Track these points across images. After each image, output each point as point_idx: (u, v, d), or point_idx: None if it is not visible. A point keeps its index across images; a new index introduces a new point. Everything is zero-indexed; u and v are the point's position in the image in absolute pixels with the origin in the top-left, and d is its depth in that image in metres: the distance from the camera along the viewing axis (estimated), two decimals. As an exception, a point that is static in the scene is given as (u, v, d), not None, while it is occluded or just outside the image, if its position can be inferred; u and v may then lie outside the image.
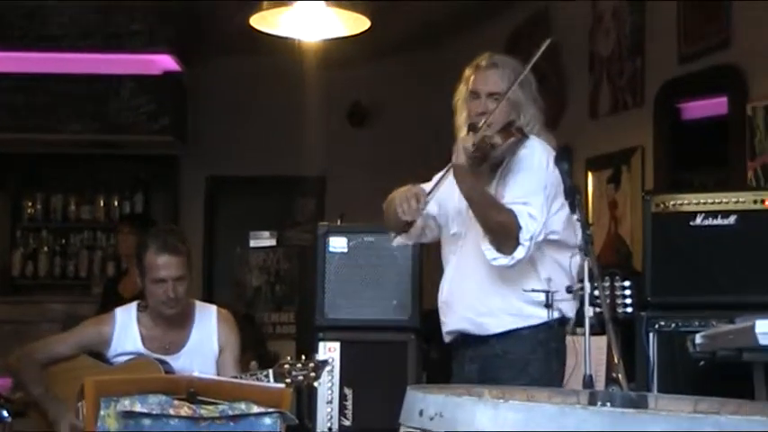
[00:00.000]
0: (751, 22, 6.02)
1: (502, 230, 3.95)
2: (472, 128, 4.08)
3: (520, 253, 3.91)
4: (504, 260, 3.94)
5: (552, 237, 4.02)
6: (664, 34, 6.70)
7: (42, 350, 4.60)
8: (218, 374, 4.45)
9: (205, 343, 4.61)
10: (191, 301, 4.70)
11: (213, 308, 4.73)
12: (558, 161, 3.60)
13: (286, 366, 4.14)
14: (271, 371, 4.12)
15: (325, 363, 4.32)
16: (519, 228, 3.90)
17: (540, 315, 4.00)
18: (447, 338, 4.27)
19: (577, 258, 3.99)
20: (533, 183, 3.99)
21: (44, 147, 9.80)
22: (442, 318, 4.27)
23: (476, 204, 4.02)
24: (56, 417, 4.42)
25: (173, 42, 8.99)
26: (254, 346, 6.98)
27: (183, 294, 4.53)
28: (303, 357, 4.22)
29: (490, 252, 3.96)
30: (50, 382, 4.52)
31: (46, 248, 10.33)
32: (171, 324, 4.59)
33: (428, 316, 4.86)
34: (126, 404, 3.62)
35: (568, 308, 4.00)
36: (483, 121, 4.05)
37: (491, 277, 4.07)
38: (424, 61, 9.38)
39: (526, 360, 4.02)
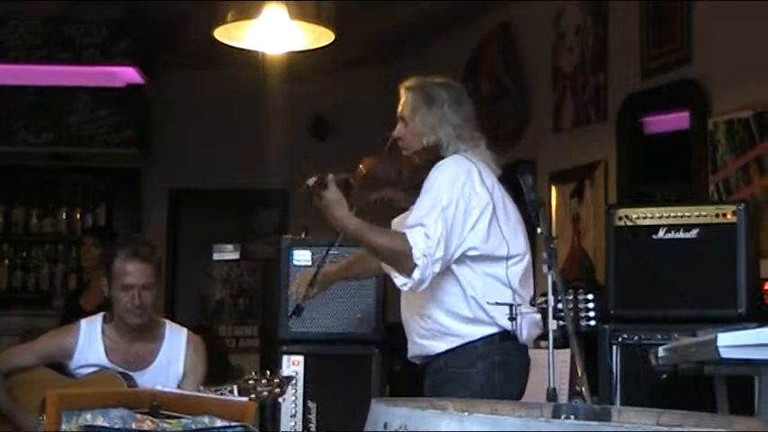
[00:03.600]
0: (712, 39, 6.07)
1: (391, 254, 3.98)
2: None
3: (417, 273, 3.90)
4: (409, 284, 3.94)
5: (472, 252, 4.02)
6: (626, 50, 6.75)
7: (2, 360, 4.54)
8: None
9: (171, 365, 4.57)
10: (160, 320, 4.67)
11: (184, 331, 4.69)
12: (521, 174, 3.61)
13: (251, 382, 4.13)
14: (235, 386, 4.11)
15: (290, 378, 4.30)
16: (410, 247, 3.89)
17: (477, 332, 4.03)
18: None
19: (517, 268, 4.05)
20: (429, 202, 3.98)
21: (3, 159, 9.73)
22: None
23: (352, 235, 4.05)
24: (22, 423, 4.37)
25: (132, 55, 8.94)
26: (215, 361, 6.95)
27: (149, 303, 4.49)
28: (268, 373, 4.21)
29: (397, 279, 3.98)
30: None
31: (7, 261, 10.23)
32: (137, 337, 4.55)
33: (392, 329, 4.87)
34: (88, 418, 3.59)
35: (522, 322, 3.98)
36: (386, 146, 4.11)
37: (423, 301, 4.11)
38: (388, 74, 9.39)
39: (466, 374, 4.03)
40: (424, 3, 7.87)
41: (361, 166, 4.06)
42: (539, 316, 3.86)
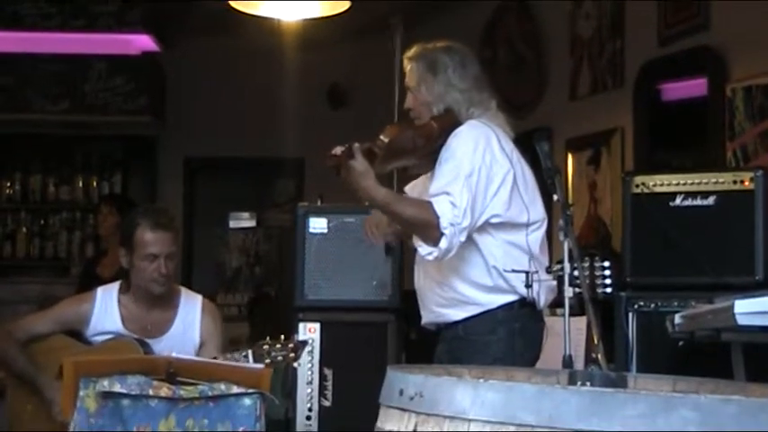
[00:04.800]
0: (730, 4, 6.03)
1: (418, 224, 3.96)
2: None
3: (444, 243, 3.88)
4: (435, 253, 3.92)
5: (495, 220, 4.01)
6: (644, 16, 6.71)
7: (21, 328, 4.56)
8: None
9: (187, 332, 4.59)
10: (176, 287, 4.69)
11: (199, 297, 4.70)
12: (537, 142, 3.59)
13: (265, 347, 4.14)
14: (250, 351, 4.12)
15: (304, 343, 4.31)
16: (437, 217, 3.87)
17: (497, 300, 4.03)
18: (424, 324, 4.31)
19: (537, 234, 4.04)
20: (452, 171, 3.96)
21: (20, 127, 9.75)
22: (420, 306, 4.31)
23: (380, 205, 4.06)
24: (45, 388, 4.38)
25: (147, 22, 8.94)
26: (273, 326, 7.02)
27: (172, 272, 4.52)
28: (282, 338, 4.22)
29: (422, 248, 3.97)
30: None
31: (24, 229, 10.29)
32: (154, 305, 4.57)
33: (408, 296, 4.87)
34: (105, 385, 3.62)
35: (534, 288, 3.97)
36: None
37: (441, 270, 4.10)
38: (406, 41, 9.35)
39: (486, 341, 4.03)
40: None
41: (382, 136, 4.04)
42: (555, 282, 3.84)
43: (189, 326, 4.61)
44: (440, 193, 3.93)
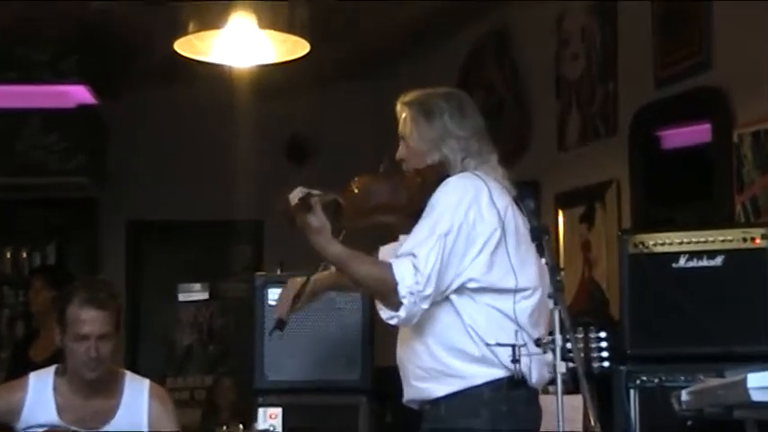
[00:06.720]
0: (734, 40, 6.07)
1: (375, 287, 3.99)
2: None
3: (402, 311, 3.88)
4: (395, 319, 3.92)
5: (472, 284, 3.98)
6: (638, 55, 6.75)
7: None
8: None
9: (134, 422, 4.54)
10: (120, 371, 4.65)
11: (146, 382, 4.68)
12: (521, 199, 3.60)
13: (224, 438, 4.12)
14: (208, 443, 4.10)
15: (265, 432, 4.29)
16: (395, 282, 3.87)
17: (482, 374, 3.97)
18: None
19: (527, 303, 4.01)
20: (428, 227, 3.96)
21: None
22: None
23: (333, 263, 4.10)
24: None
25: (84, 73, 8.92)
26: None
27: (106, 355, 4.47)
28: (241, 427, 4.20)
29: (383, 312, 3.96)
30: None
31: (-55, 307, 10.21)
32: (93, 393, 4.52)
33: (381, 374, 4.85)
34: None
35: (524, 363, 3.94)
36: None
37: (420, 335, 4.06)
38: (374, 89, 9.40)
39: (469, 425, 3.98)
40: (410, 6, 7.86)
41: (352, 186, 4.03)
42: (551, 356, 3.81)
43: (135, 414, 4.56)
44: (406, 254, 3.92)
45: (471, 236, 3.96)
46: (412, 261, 3.89)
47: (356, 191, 4.01)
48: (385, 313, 3.94)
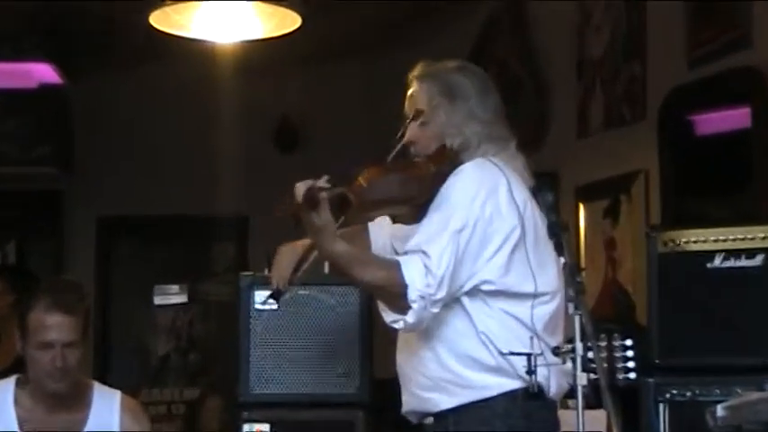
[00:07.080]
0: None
1: (381, 291, 3.98)
2: None
3: (411, 317, 3.88)
4: (401, 323, 3.92)
5: (486, 287, 3.98)
6: (669, 32, 6.76)
7: None
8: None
9: None
10: (88, 382, 4.66)
11: (117, 394, 4.68)
12: (538, 191, 3.60)
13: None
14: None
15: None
16: (404, 285, 3.86)
17: (495, 385, 3.98)
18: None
19: (545, 309, 4.01)
20: (440, 221, 3.95)
21: None
22: None
23: (335, 265, 4.12)
24: None
25: (48, 49, 8.92)
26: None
27: (73, 365, 4.47)
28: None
29: (386, 314, 3.96)
30: None
31: None
32: (59, 406, 4.53)
33: (380, 386, 4.85)
34: None
35: (541, 374, 3.95)
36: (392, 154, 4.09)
37: (426, 340, 4.06)
38: (372, 68, 9.40)
39: None
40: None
41: (360, 179, 4.01)
42: (570, 365, 3.81)
43: (105, 427, 4.57)
44: (416, 251, 3.92)
45: (488, 233, 3.96)
46: (423, 260, 3.89)
47: (365, 184, 3.99)
48: (389, 316, 3.94)
